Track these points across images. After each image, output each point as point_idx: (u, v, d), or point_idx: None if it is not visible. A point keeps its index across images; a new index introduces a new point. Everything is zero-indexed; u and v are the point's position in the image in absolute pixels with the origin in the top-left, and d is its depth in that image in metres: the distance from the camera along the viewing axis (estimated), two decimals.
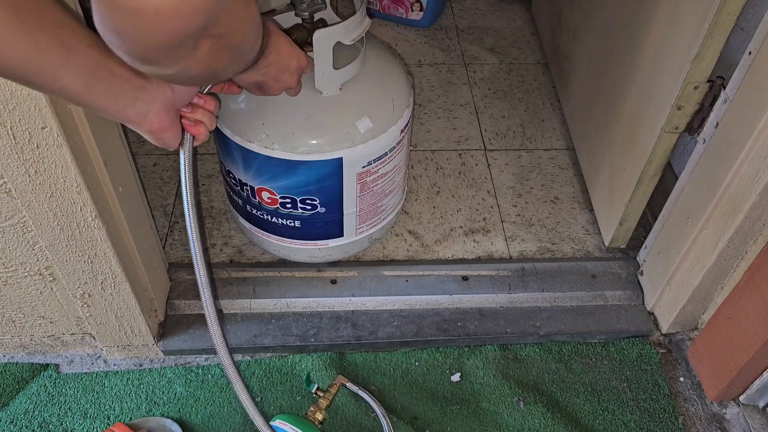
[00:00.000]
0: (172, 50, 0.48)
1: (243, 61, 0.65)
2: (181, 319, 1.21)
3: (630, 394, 1.17)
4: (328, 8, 1.03)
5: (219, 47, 0.53)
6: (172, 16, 0.43)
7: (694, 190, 1.09)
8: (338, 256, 1.27)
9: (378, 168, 1.11)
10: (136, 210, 1.05)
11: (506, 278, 1.29)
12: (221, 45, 0.53)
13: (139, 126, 0.64)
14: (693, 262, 1.12)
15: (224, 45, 0.53)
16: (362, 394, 1.12)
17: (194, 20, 0.45)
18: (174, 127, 0.67)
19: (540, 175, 1.51)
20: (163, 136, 0.66)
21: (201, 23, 0.46)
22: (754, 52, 0.92)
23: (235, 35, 0.55)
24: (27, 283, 1.02)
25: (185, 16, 0.44)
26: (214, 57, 0.53)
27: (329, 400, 1.08)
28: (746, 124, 0.94)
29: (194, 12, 0.44)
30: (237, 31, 0.55)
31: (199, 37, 0.48)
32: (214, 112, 0.72)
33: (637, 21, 1.20)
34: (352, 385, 1.12)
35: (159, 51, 0.47)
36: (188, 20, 0.45)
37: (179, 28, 0.45)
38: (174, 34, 0.45)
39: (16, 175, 0.82)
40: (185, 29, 0.46)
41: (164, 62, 0.49)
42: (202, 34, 0.48)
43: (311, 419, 1.05)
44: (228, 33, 0.52)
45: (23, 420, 1.10)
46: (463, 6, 2.01)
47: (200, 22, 0.46)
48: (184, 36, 0.46)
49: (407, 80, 1.14)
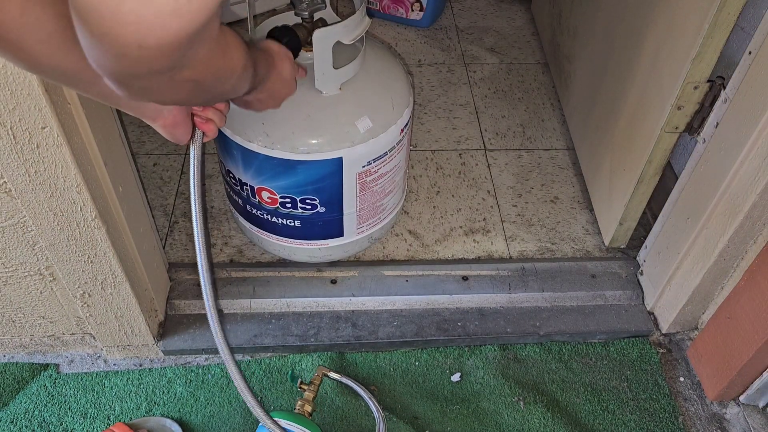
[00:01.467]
0: (149, 81, 0.47)
1: (223, 98, 0.64)
2: (181, 319, 1.21)
3: (630, 394, 1.17)
4: (327, 8, 1.03)
5: (191, 87, 0.51)
6: (151, 60, 0.43)
7: (694, 190, 1.09)
8: (338, 256, 1.27)
9: (378, 168, 1.11)
10: (136, 210, 1.05)
11: (506, 278, 1.29)
12: (194, 87, 0.52)
13: (154, 121, 0.70)
14: (693, 262, 1.12)
15: (198, 88, 0.53)
16: (345, 380, 1.13)
17: (169, 63, 0.44)
18: (185, 123, 0.73)
19: (540, 175, 1.51)
20: (175, 131, 0.72)
21: (176, 64, 0.45)
22: (754, 52, 0.92)
23: (208, 83, 0.53)
24: (27, 283, 1.02)
25: (163, 61, 0.43)
26: (188, 93, 0.53)
27: (314, 392, 1.09)
28: (746, 124, 0.94)
29: (170, 57, 0.43)
30: (211, 80, 0.53)
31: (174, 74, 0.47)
32: (224, 111, 0.77)
33: (637, 21, 1.20)
34: (334, 374, 1.13)
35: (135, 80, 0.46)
36: (165, 63, 0.44)
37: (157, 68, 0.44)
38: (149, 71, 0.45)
39: (16, 175, 0.82)
40: (159, 68, 0.45)
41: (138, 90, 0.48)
42: (170, 73, 0.47)
43: (301, 413, 1.06)
44: (200, 80, 0.51)
45: (23, 420, 1.10)
46: (463, 6, 2.01)
47: (176, 63, 0.45)
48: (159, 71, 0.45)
49: (407, 80, 1.14)
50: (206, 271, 0.78)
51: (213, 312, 0.82)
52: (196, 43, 0.45)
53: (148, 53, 0.42)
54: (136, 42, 0.41)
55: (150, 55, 0.42)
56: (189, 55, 0.46)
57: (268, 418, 0.95)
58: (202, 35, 0.44)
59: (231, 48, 0.56)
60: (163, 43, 0.41)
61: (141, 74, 0.45)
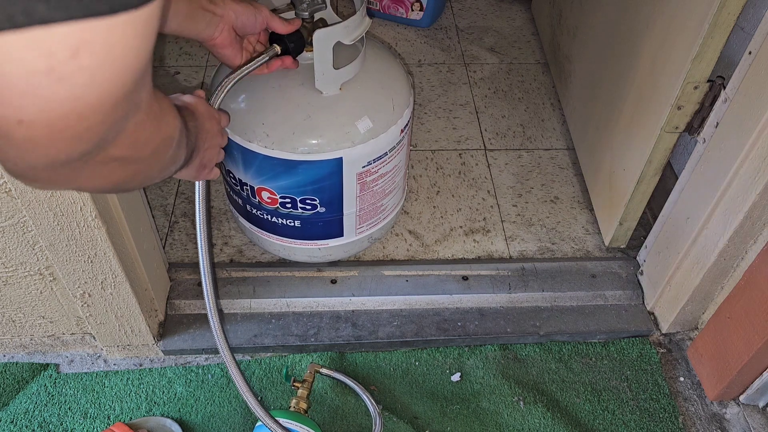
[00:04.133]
0: (54, 172, 0.38)
1: (163, 175, 0.56)
2: (181, 318, 1.21)
3: (630, 393, 1.17)
4: (328, 8, 1.03)
5: (123, 168, 0.44)
6: (46, 145, 0.35)
7: (694, 190, 1.09)
8: (338, 256, 1.27)
9: (378, 168, 1.11)
10: (136, 210, 1.05)
11: (506, 278, 1.29)
12: (127, 167, 0.44)
13: (206, 41, 0.83)
14: (693, 262, 1.12)
15: (131, 167, 0.45)
16: (337, 375, 1.13)
17: (77, 148, 0.36)
18: (232, 46, 0.86)
19: (540, 174, 1.51)
20: (224, 51, 0.86)
21: (88, 150, 0.37)
22: (754, 51, 0.92)
23: (141, 159, 0.45)
24: (27, 282, 1.02)
25: (64, 145, 0.35)
26: (118, 177, 0.44)
27: (308, 389, 1.09)
28: (746, 124, 0.94)
29: (77, 141, 0.35)
30: (146, 154, 0.45)
31: (89, 160, 0.39)
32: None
33: (637, 20, 1.20)
34: (326, 369, 1.13)
35: (36, 172, 0.38)
36: (69, 148, 0.36)
37: (56, 155, 0.36)
38: (50, 160, 0.36)
39: None
40: (66, 157, 0.37)
41: (46, 183, 0.40)
42: (94, 158, 0.39)
43: (297, 410, 1.06)
44: (133, 156, 0.43)
45: (23, 420, 1.10)
46: (463, 6, 2.01)
47: (87, 149, 0.37)
48: (66, 161, 0.37)
49: (407, 80, 1.14)
50: (208, 271, 0.79)
51: (213, 311, 0.82)
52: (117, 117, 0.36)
53: (62, 137, 0.34)
54: (46, 130, 0.33)
55: (64, 140, 0.34)
56: (115, 130, 0.38)
57: (268, 417, 0.95)
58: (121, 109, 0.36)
59: (165, 112, 0.48)
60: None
61: (56, 163, 0.37)
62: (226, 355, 0.91)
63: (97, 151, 0.38)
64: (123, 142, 0.40)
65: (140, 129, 0.41)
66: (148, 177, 0.50)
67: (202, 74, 1.71)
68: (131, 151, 0.42)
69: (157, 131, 0.46)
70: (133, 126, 0.40)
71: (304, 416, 1.05)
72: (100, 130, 0.36)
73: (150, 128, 0.43)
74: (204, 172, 0.75)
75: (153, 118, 0.43)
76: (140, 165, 0.46)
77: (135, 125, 0.40)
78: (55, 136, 0.34)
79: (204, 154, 0.71)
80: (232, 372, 0.93)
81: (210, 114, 0.73)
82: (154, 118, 0.44)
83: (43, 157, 0.35)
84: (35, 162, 0.36)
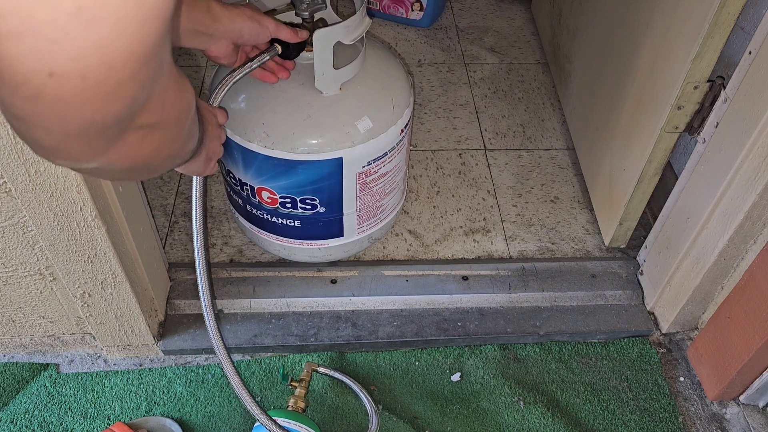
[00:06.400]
0: (88, 141, 0.38)
1: (183, 152, 0.58)
2: (181, 318, 1.21)
3: (630, 393, 1.17)
4: (328, 8, 1.03)
5: (151, 138, 0.44)
6: (79, 104, 0.34)
7: (694, 190, 1.09)
8: (338, 256, 1.27)
9: (378, 168, 1.11)
10: (136, 210, 1.05)
11: (506, 278, 1.29)
12: (154, 136, 0.45)
13: (205, 51, 0.85)
14: (693, 262, 1.12)
15: (158, 136, 0.45)
16: (333, 374, 1.13)
17: (112, 108, 0.36)
18: (230, 56, 0.89)
19: (540, 174, 1.51)
20: (221, 60, 0.89)
21: (122, 112, 0.37)
22: (754, 51, 0.92)
23: (169, 125, 0.46)
24: (27, 282, 1.02)
25: (99, 104, 0.35)
26: (147, 149, 0.45)
27: (305, 388, 1.09)
28: (746, 124, 0.94)
29: (111, 99, 0.35)
30: (172, 120, 0.47)
31: (123, 128, 0.40)
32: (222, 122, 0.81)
33: (637, 20, 1.20)
34: (323, 368, 1.13)
35: (69, 142, 0.37)
36: (104, 108, 0.35)
37: (92, 117, 0.35)
38: (85, 124, 0.36)
39: (16, 175, 0.82)
40: (101, 118, 0.36)
41: (78, 156, 0.39)
42: (127, 125, 0.40)
43: (295, 409, 1.06)
44: (161, 123, 0.44)
45: (23, 420, 1.10)
46: (463, 6, 2.01)
47: (121, 111, 0.37)
48: (101, 126, 0.37)
49: (407, 80, 1.14)
50: (203, 271, 0.79)
51: (209, 310, 0.83)
52: (155, 69, 0.37)
53: (97, 97, 0.34)
54: (79, 88, 0.32)
55: (100, 99, 0.34)
56: (147, 92, 0.38)
57: (264, 416, 0.95)
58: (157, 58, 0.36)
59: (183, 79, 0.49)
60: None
61: (91, 130, 0.36)
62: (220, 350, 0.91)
63: (131, 115, 0.38)
64: (153, 106, 0.41)
65: (166, 93, 0.42)
66: (171, 153, 0.52)
67: (202, 74, 1.71)
68: (160, 115, 0.43)
69: (180, 96, 0.47)
70: (159, 90, 0.40)
71: (302, 415, 1.06)
72: (132, 88, 0.36)
73: (173, 92, 0.45)
74: (210, 166, 0.77)
75: (175, 81, 0.45)
76: (166, 133, 0.47)
77: (161, 89, 0.41)
78: (88, 91, 0.33)
79: (209, 145, 0.74)
80: (228, 370, 0.93)
81: (206, 106, 0.77)
82: (176, 82, 0.45)
83: (78, 119, 0.35)
84: (69, 126, 0.35)
